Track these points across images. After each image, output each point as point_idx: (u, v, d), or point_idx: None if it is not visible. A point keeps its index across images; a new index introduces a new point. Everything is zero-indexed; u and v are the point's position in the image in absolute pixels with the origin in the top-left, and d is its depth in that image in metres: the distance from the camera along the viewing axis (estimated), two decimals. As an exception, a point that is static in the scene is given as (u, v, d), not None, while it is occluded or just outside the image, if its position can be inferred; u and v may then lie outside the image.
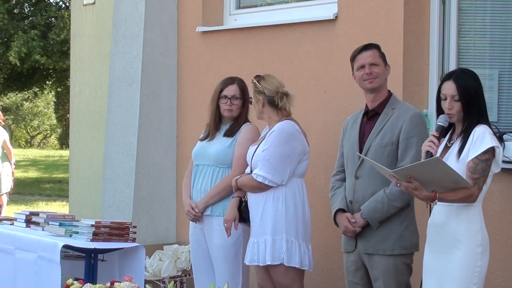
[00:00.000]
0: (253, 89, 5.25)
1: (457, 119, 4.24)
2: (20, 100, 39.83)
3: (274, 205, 5.12)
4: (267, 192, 5.13)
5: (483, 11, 5.65)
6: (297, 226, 5.12)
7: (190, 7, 7.16)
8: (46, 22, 21.49)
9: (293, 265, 5.07)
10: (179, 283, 6.38)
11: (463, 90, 4.18)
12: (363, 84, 4.90)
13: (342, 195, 4.96)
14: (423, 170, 3.99)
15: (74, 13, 8.41)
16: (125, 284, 4.48)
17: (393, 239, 4.78)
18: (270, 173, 5.09)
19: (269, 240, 5.08)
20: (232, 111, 5.51)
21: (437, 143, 4.22)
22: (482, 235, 4.15)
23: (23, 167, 25.98)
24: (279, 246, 5.07)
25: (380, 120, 4.87)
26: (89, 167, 8.01)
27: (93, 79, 8.03)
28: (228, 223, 5.25)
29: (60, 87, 24.89)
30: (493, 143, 4.11)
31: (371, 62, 4.88)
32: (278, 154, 5.11)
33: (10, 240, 5.95)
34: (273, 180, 5.10)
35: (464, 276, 4.11)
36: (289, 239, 5.08)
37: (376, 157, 4.76)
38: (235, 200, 5.31)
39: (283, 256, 5.06)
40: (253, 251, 5.15)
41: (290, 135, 5.15)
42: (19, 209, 12.60)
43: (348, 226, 4.85)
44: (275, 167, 5.10)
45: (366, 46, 4.94)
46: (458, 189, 4.06)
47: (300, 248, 5.10)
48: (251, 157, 5.26)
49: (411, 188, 4.05)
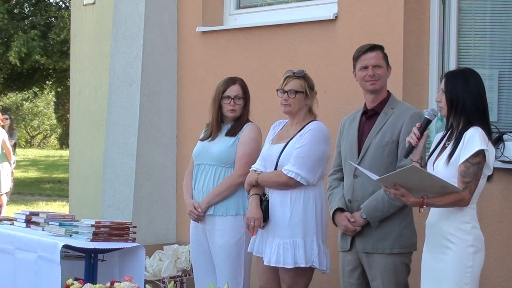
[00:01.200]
0: (305, 83, 5.12)
1: (444, 114, 4.26)
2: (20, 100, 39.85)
3: (304, 206, 5.05)
4: (295, 191, 5.06)
5: (483, 11, 5.65)
6: (323, 228, 5.11)
7: (190, 7, 7.16)
8: (46, 22, 21.51)
9: (322, 268, 5.05)
10: (179, 283, 6.38)
11: (449, 86, 4.19)
12: (365, 85, 4.90)
13: (340, 194, 4.95)
14: (406, 177, 4.02)
15: (74, 13, 8.41)
16: (125, 284, 4.48)
17: (392, 238, 4.78)
18: (303, 171, 5.01)
19: (301, 242, 5.01)
20: (235, 111, 5.50)
21: (418, 134, 4.25)
22: (474, 235, 4.14)
23: (23, 167, 25.99)
24: (310, 249, 5.02)
25: (380, 119, 4.87)
26: (89, 167, 8.00)
27: (93, 79, 8.03)
28: (255, 222, 5.08)
29: (60, 87, 24.92)
30: (482, 146, 4.07)
31: (375, 64, 4.87)
32: (315, 153, 5.05)
33: (10, 240, 5.95)
34: (306, 178, 5.01)
35: (456, 276, 4.11)
36: (318, 242, 5.05)
37: (376, 156, 4.78)
38: (255, 197, 5.16)
39: (314, 258, 5.02)
40: (279, 253, 5.03)
41: (325, 137, 5.11)
42: (19, 209, 12.59)
43: (348, 226, 4.84)
44: (310, 165, 5.03)
45: (372, 47, 4.92)
46: (447, 194, 4.06)
47: (326, 251, 5.10)
48: (278, 154, 5.14)
49: (398, 195, 4.09)
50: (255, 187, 5.18)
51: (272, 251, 5.06)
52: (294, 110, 5.15)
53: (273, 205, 5.11)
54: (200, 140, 5.66)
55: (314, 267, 5.06)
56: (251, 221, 5.11)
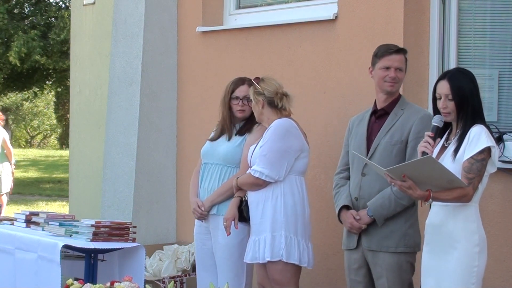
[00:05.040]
0: (253, 91, 5.25)
1: (452, 118, 4.24)
2: (20, 100, 39.84)
3: (272, 203, 5.12)
4: (266, 190, 5.14)
5: (483, 11, 5.65)
6: (296, 223, 5.12)
7: (190, 7, 7.16)
8: (46, 22, 21.50)
9: (292, 262, 5.07)
10: (179, 283, 6.38)
11: (456, 90, 4.19)
12: (384, 85, 4.90)
13: (347, 192, 4.96)
14: (417, 169, 4.00)
15: (74, 13, 8.42)
16: (125, 284, 4.48)
17: (397, 237, 4.78)
18: (267, 168, 5.09)
19: (268, 237, 5.09)
20: (245, 111, 5.50)
21: (433, 143, 4.23)
22: (479, 234, 4.16)
23: (23, 167, 25.99)
24: (278, 243, 5.07)
25: (390, 119, 4.89)
26: (89, 167, 8.01)
27: (93, 79, 8.03)
28: (227, 222, 5.25)
29: (60, 87, 24.91)
30: (489, 143, 4.11)
31: (398, 67, 4.89)
32: (275, 149, 5.11)
33: (10, 240, 5.95)
34: (270, 175, 5.10)
35: (462, 276, 4.11)
36: (288, 236, 5.08)
37: (385, 155, 4.79)
38: (236, 199, 5.31)
39: (282, 252, 5.07)
40: (254, 249, 5.15)
41: (286, 131, 5.15)
42: (19, 209, 12.59)
43: (354, 223, 4.85)
44: (272, 162, 5.10)
45: (399, 49, 4.93)
46: (452, 188, 4.06)
47: (299, 245, 5.10)
48: (251, 156, 5.27)
49: (405, 187, 4.06)
50: (240, 190, 5.30)
51: (249, 249, 5.21)
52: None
53: (250, 204, 5.23)
54: (208, 140, 5.65)
55: (282, 260, 5.07)
56: (224, 221, 5.27)
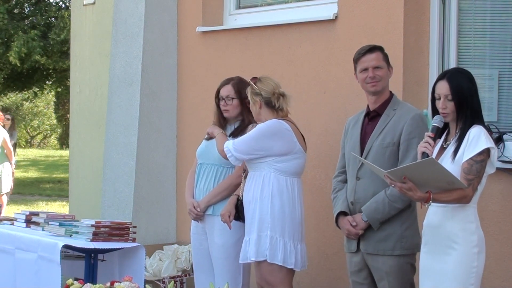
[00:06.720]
0: (250, 91, 5.25)
1: (451, 119, 4.24)
2: (20, 100, 39.83)
3: (261, 203, 5.14)
4: (256, 190, 5.16)
5: (483, 11, 5.65)
6: (283, 224, 5.12)
7: (190, 7, 7.16)
8: (46, 22, 21.50)
9: (276, 262, 5.09)
10: (179, 283, 6.38)
11: (456, 90, 4.17)
12: (366, 87, 4.89)
13: (344, 197, 4.95)
14: (418, 171, 3.99)
15: (74, 13, 8.42)
16: (125, 284, 4.48)
17: (393, 240, 4.77)
18: (235, 146, 5.12)
19: (254, 237, 5.12)
20: (228, 111, 5.51)
21: (433, 143, 4.22)
22: (478, 235, 4.15)
23: (23, 167, 25.99)
24: (263, 243, 5.09)
25: (382, 121, 4.86)
26: (89, 167, 8.01)
27: (93, 79, 8.03)
28: (223, 217, 5.28)
29: (60, 87, 24.90)
30: (488, 144, 4.10)
31: (375, 66, 4.86)
32: (254, 137, 5.12)
33: (10, 240, 5.95)
34: (234, 155, 5.12)
35: (461, 276, 4.10)
36: (273, 236, 5.10)
37: (377, 158, 4.76)
38: (233, 197, 5.35)
39: (267, 252, 5.08)
40: (245, 249, 5.19)
41: (271, 132, 5.13)
42: (19, 209, 12.58)
43: (351, 229, 4.84)
44: (243, 140, 5.13)
45: (371, 48, 4.90)
46: (452, 190, 4.05)
47: (286, 246, 5.11)
48: None
49: (405, 188, 4.05)
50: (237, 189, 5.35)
51: (242, 248, 5.24)
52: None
53: (244, 204, 5.26)
54: (204, 139, 5.66)
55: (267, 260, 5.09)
56: (221, 218, 5.32)
